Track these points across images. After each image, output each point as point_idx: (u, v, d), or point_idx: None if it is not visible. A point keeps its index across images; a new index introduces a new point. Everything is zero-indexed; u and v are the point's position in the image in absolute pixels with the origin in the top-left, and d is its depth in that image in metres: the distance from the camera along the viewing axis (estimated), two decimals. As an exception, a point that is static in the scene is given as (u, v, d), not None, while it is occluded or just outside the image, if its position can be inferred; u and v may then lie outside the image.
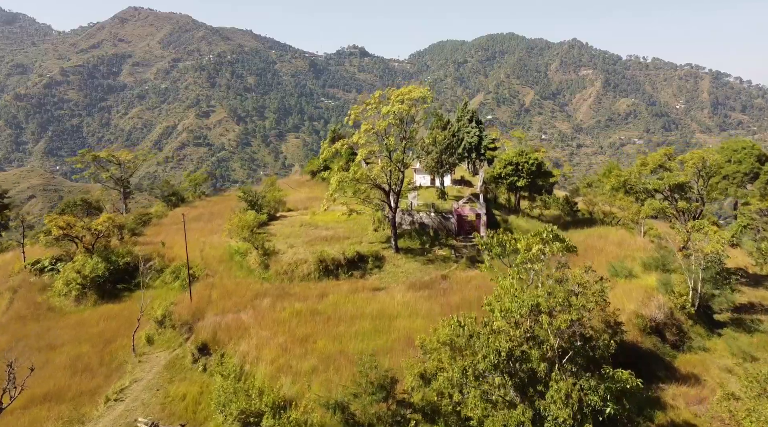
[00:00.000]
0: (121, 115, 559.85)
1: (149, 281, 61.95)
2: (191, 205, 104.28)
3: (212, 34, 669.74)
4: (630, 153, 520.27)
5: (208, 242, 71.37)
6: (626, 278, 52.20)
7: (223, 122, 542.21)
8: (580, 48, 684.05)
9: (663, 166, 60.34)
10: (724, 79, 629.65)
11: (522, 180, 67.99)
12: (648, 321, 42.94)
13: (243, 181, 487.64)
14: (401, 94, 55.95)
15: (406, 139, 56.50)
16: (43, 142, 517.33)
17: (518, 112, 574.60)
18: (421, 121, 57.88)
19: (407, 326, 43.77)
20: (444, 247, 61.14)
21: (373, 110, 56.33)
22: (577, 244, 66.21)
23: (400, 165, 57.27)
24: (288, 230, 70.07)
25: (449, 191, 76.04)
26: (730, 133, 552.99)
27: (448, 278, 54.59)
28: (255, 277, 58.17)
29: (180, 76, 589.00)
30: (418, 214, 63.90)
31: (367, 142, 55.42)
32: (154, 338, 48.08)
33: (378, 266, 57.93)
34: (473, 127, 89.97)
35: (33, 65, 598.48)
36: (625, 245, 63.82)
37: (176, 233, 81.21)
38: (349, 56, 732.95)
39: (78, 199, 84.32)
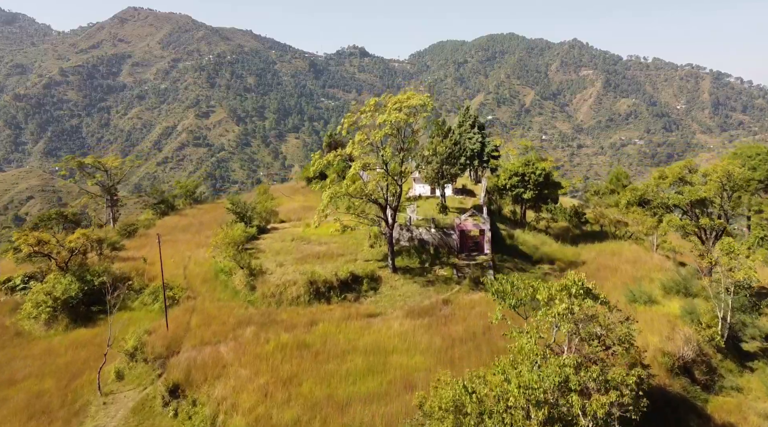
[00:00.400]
0: (120, 116, 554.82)
1: (127, 303, 56.90)
2: (181, 214, 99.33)
3: (212, 34, 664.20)
4: (631, 153, 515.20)
5: (194, 258, 66.37)
6: (646, 304, 47.13)
7: (222, 123, 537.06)
8: (580, 48, 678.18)
9: (683, 179, 55.31)
10: (725, 80, 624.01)
11: (529, 192, 62.98)
12: (676, 360, 37.86)
13: (243, 182, 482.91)
14: (399, 102, 50.88)
15: (404, 150, 51.48)
16: (42, 142, 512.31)
17: (518, 112, 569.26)
18: (420, 130, 52.85)
19: (404, 364, 38.73)
20: (445, 266, 56.07)
21: (369, 119, 51.29)
22: (588, 261, 61.28)
23: (398, 178, 52.21)
24: (278, 245, 65.01)
25: (450, 202, 71.00)
26: (731, 134, 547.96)
27: (449, 303, 49.52)
28: (240, 299, 53.13)
29: (180, 77, 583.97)
30: (417, 229, 58.84)
31: (362, 153, 50.34)
32: (125, 373, 43.04)
33: (374, 288, 52.87)
34: (476, 133, 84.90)
35: (32, 65, 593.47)
36: (640, 263, 58.75)
37: (162, 246, 76.21)
38: (349, 56, 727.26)
39: (53, 212, 79.20)
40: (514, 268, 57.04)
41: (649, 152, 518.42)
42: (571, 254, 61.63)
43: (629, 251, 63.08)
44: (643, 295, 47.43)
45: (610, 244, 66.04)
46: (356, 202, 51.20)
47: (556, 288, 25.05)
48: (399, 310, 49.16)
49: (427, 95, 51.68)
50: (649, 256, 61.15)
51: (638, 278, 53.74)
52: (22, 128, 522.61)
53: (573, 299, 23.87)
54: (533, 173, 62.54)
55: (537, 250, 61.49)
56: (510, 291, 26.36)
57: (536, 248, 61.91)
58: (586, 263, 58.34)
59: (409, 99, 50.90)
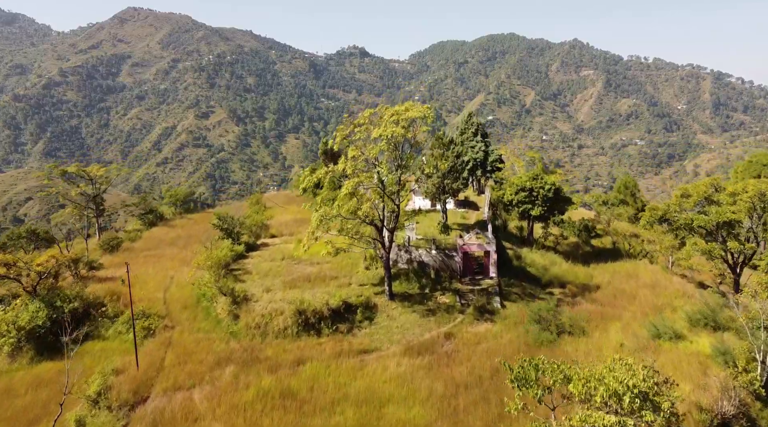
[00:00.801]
0: (120, 116, 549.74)
1: (101, 331, 51.77)
2: (170, 224, 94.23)
3: (212, 34, 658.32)
4: (631, 154, 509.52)
5: (177, 278, 61.18)
6: (671, 340, 41.93)
7: (222, 123, 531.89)
8: (580, 48, 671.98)
9: (709, 198, 50.12)
10: (726, 80, 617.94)
11: (537, 208, 57.83)
12: (714, 417, 32.68)
13: (242, 183, 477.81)
14: (396, 113, 45.69)
15: (402, 167, 46.31)
16: (41, 143, 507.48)
17: (519, 112, 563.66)
18: (420, 144, 47.68)
19: (401, 418, 33.58)
20: (447, 292, 50.90)
21: (363, 132, 46.09)
22: (603, 285, 56.06)
23: (395, 197, 47.04)
24: (267, 264, 59.81)
25: (452, 217, 65.84)
26: (732, 134, 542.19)
27: (452, 338, 44.35)
28: (222, 330, 47.97)
29: (179, 77, 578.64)
30: (416, 251, 53.67)
31: (356, 170, 45.14)
32: (86, 422, 37.89)
33: (369, 318, 47.71)
34: (478, 142, 79.64)
35: (32, 66, 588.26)
36: (659, 288, 53.53)
37: (146, 262, 71.19)
38: (349, 57, 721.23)
39: (23, 230, 74.00)
40: (522, 294, 51.86)
41: (649, 153, 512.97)
42: (583, 276, 56.47)
43: (646, 272, 57.86)
44: (668, 330, 42.23)
45: (624, 264, 60.81)
46: (349, 224, 46.02)
47: (595, 378, 19.65)
48: (396, 344, 44.02)
49: (426, 107, 46.47)
50: (668, 279, 55.94)
51: (659, 307, 48.57)
52: (22, 129, 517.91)
53: (623, 398, 18.49)
54: (542, 188, 57.32)
55: (546, 271, 56.34)
56: (534, 378, 20.93)
57: (545, 269, 56.77)
58: (601, 288, 53.17)
59: (407, 111, 45.69)
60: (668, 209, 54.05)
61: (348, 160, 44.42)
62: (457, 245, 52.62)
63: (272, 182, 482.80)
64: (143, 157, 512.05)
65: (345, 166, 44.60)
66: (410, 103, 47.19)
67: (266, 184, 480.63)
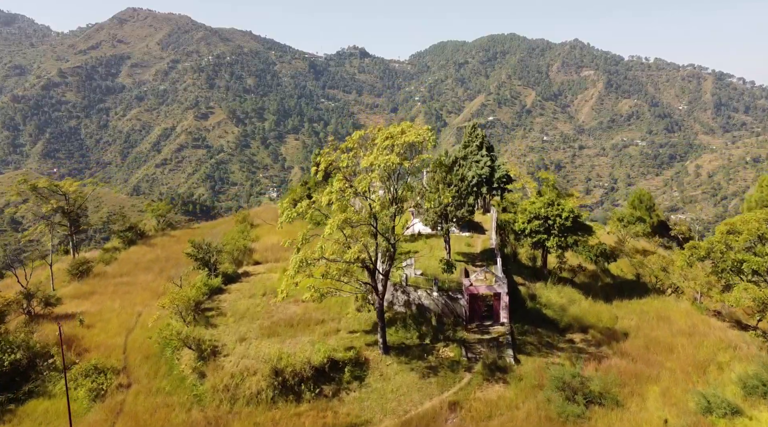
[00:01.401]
0: (119, 117, 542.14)
1: (47, 386, 43.88)
2: (151, 243, 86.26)
3: (211, 35, 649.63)
4: (633, 154, 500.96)
5: (144, 316, 53.15)
6: (725, 416, 33.94)
7: (222, 124, 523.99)
8: (581, 49, 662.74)
9: (764, 237, 42.19)
10: (727, 80, 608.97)
11: (553, 239, 49.97)
12: None
13: (242, 184, 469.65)
14: (390, 137, 37.76)
15: (397, 201, 38.43)
16: (40, 144, 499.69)
17: (519, 113, 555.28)
18: (419, 172, 39.93)
19: None
20: (451, 342, 42.97)
21: (351, 158, 38.13)
22: (631, 331, 47.89)
23: (390, 236, 39.12)
24: (245, 303, 51.88)
25: (456, 243, 57.87)
26: (733, 135, 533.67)
27: (458, 408, 36.38)
28: (186, 391, 40.05)
29: (179, 78, 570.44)
30: (415, 292, 45.78)
31: (342, 205, 37.20)
32: None
33: (358, 378, 39.78)
34: (483, 156, 71.68)
35: (31, 66, 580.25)
36: (698, 336, 45.58)
37: (115, 292, 63.33)
38: (349, 57, 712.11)
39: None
40: (539, 344, 43.92)
41: (651, 153, 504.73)
42: (606, 318, 48.57)
43: (679, 313, 49.89)
44: (720, 403, 34.22)
45: (652, 301, 52.80)
46: (334, 267, 38.08)
47: None
48: (390, 416, 36.06)
49: (427, 128, 38.50)
50: (704, 322, 48.00)
51: (702, 364, 40.63)
52: (20, 130, 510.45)
53: None
54: (558, 216, 49.43)
55: (564, 312, 48.45)
56: None
57: (563, 309, 48.91)
58: (629, 336, 45.28)
59: (403, 134, 37.72)
60: (712, 248, 46.07)
61: (332, 192, 36.45)
62: (463, 285, 44.73)
63: (272, 183, 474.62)
64: (142, 158, 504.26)
65: (330, 198, 36.65)
66: (407, 125, 39.19)
67: (266, 186, 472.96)
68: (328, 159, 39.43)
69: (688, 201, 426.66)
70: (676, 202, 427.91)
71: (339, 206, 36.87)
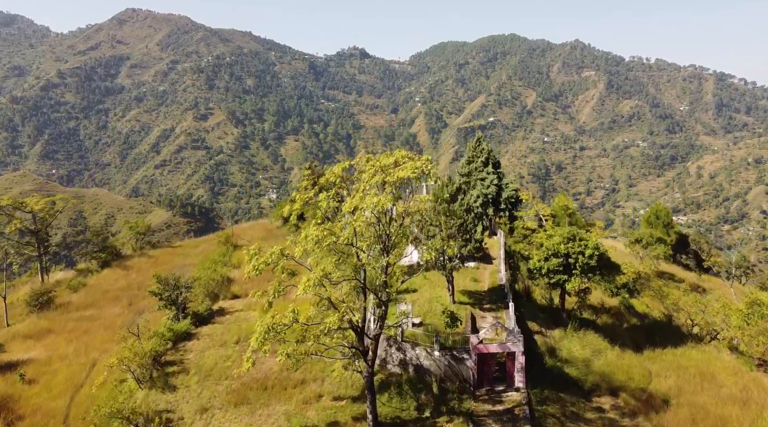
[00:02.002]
0: (118, 118, 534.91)
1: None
2: (126, 265, 78.17)
3: (211, 35, 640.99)
4: (634, 155, 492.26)
5: (100, 365, 45.03)
6: None
7: (221, 125, 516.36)
8: (582, 49, 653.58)
9: None
10: (728, 81, 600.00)
11: (575, 280, 42.01)
12: None
13: (241, 185, 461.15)
14: (381, 170, 29.67)
15: (388, 249, 30.39)
16: (39, 145, 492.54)
17: (520, 114, 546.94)
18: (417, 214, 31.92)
19: None
20: (456, 416, 34.85)
21: (333, 198, 30.02)
22: (669, 394, 39.70)
23: (381, 292, 31.06)
24: (215, 354, 43.81)
25: (460, 278, 49.72)
26: (735, 136, 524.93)
27: None
28: (129, 482, 32.05)
29: (178, 78, 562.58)
30: (413, 350, 37.74)
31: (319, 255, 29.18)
32: None
33: (342, 467, 31.69)
34: (490, 174, 63.54)
35: (30, 67, 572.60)
36: (753, 403, 37.45)
37: (74, 330, 55.29)
38: (349, 58, 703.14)
39: None
40: (563, 415, 35.80)
41: (652, 154, 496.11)
42: (639, 375, 40.53)
43: (724, 369, 41.78)
44: None
45: (689, 351, 44.63)
46: (312, 333, 29.99)
47: None
48: None
49: (426, 159, 30.35)
50: (759, 383, 39.86)
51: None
52: (19, 131, 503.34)
53: None
54: (581, 254, 41.44)
55: (588, 368, 40.38)
56: None
57: (587, 364, 40.89)
58: (670, 404, 37.22)
59: (397, 166, 29.65)
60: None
61: (307, 242, 28.33)
62: (470, 343, 36.72)
63: (271, 185, 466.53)
64: (141, 159, 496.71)
65: (302, 250, 28.51)
66: (402, 154, 31.02)
67: (265, 187, 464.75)
68: (305, 195, 31.32)
69: (690, 202, 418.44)
70: (677, 203, 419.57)
71: (316, 260, 28.79)
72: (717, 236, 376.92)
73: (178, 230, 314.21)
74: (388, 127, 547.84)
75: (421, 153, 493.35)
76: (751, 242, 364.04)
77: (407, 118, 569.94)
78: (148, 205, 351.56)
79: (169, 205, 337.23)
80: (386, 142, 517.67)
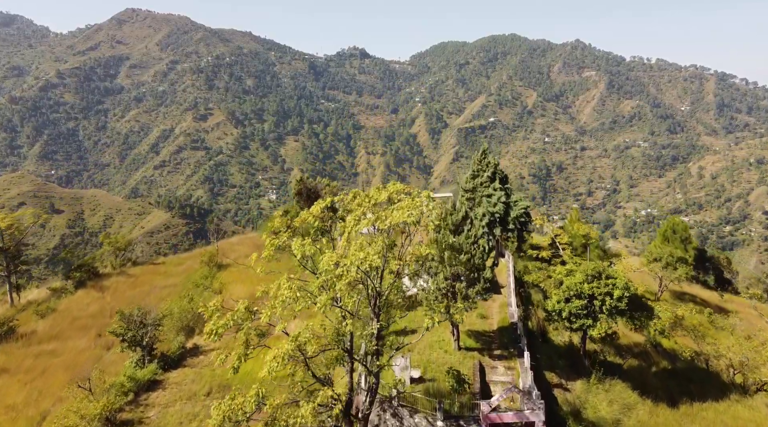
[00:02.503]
0: (117, 119, 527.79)
1: None
2: (101, 285, 71.49)
3: (211, 35, 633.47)
4: (635, 156, 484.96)
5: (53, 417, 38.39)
6: None
7: (221, 125, 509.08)
8: (582, 49, 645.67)
9: None
10: (730, 81, 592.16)
11: (601, 325, 35.37)
12: None
13: (241, 186, 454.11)
14: (372, 209, 23.14)
15: (379, 311, 23.83)
16: (38, 145, 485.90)
17: (521, 114, 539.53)
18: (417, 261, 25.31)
19: None
20: None
21: (308, 246, 23.41)
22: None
23: (370, 362, 24.51)
24: (179, 411, 37.25)
25: (465, 314, 43.09)
26: (736, 136, 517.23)
27: None
28: None
29: (178, 79, 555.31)
30: (411, 417, 31.16)
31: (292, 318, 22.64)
32: None
33: None
34: (497, 190, 56.89)
35: (29, 68, 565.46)
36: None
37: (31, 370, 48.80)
38: (349, 58, 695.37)
39: None
40: (593, 501, 29.23)
41: (653, 155, 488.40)
42: (678, 440, 34.00)
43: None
44: None
45: (735, 407, 37.97)
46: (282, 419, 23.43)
47: None
48: None
49: (427, 195, 23.80)
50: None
51: None
52: (18, 131, 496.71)
53: None
54: (608, 295, 34.81)
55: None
56: None
57: (616, 425, 34.37)
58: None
59: (391, 205, 23.11)
60: None
61: (274, 306, 21.79)
62: (481, 412, 30.21)
63: (271, 185, 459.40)
64: (141, 159, 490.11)
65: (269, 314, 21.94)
66: (396, 188, 24.40)
67: (265, 188, 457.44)
68: (275, 242, 24.71)
69: (692, 203, 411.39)
70: (679, 204, 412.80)
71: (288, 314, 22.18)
72: (719, 236, 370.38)
73: (177, 231, 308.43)
74: (388, 128, 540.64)
75: (421, 153, 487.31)
76: (753, 243, 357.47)
77: (407, 119, 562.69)
78: (147, 206, 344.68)
79: (168, 206, 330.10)
80: (386, 142, 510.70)
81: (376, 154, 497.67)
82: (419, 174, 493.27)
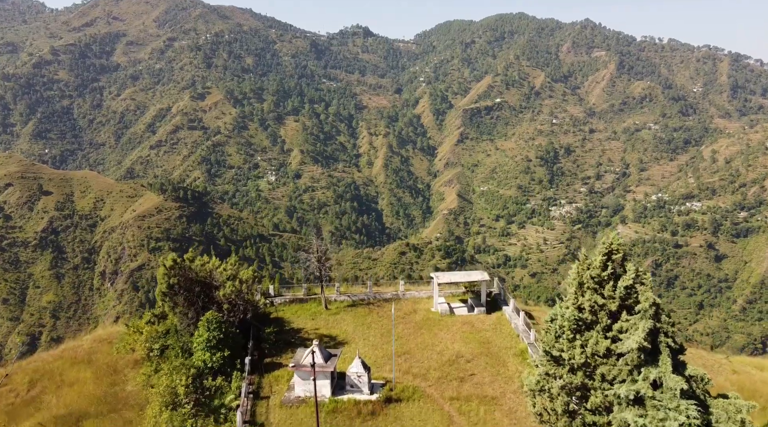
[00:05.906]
0: (113, 97, 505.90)
1: None
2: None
3: (210, 12, 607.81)
4: (645, 139, 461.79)
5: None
6: None
7: (219, 105, 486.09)
8: (592, 29, 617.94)
9: None
10: (744, 62, 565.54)
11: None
12: None
13: (239, 167, 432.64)
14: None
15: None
16: (31, 124, 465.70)
17: (528, 95, 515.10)
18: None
19: None
20: None
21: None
22: None
23: None
24: None
25: None
26: (750, 118, 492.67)
27: None
28: None
29: (175, 57, 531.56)
30: None
31: None
32: None
33: None
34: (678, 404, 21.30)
35: (23, 44, 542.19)
36: None
37: None
38: (352, 36, 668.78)
39: None
40: None
41: (664, 138, 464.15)
42: None
43: None
44: None
45: None
46: None
47: None
48: None
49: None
50: None
51: None
52: (11, 109, 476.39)
53: None
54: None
55: None
56: None
57: None
58: None
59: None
60: None
61: None
62: None
63: (270, 167, 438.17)
64: (137, 139, 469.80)
65: None
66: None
67: (264, 169, 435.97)
68: None
69: (705, 188, 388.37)
70: (691, 189, 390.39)
71: None
72: (733, 223, 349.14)
73: (170, 215, 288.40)
74: (392, 108, 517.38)
75: (425, 135, 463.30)
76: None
77: (411, 99, 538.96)
78: (139, 188, 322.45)
79: (160, 189, 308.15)
80: (389, 123, 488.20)
81: (379, 135, 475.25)
82: (423, 156, 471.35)
